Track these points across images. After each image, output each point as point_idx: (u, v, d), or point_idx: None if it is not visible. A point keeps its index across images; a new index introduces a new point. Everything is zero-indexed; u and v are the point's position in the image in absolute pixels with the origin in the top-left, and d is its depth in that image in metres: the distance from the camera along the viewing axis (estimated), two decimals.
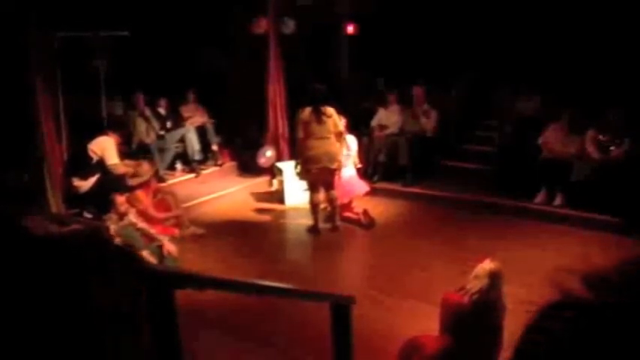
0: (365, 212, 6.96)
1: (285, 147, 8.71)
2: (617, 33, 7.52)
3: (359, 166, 7.38)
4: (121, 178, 6.60)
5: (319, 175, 6.56)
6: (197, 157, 8.81)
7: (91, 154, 6.73)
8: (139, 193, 6.25)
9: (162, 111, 8.79)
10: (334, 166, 6.53)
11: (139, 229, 5.33)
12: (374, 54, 9.39)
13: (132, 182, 6.41)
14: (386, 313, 4.67)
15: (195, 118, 8.93)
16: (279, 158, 8.59)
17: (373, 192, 7.58)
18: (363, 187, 7.29)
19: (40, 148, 6.45)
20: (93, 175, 6.69)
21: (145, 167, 6.75)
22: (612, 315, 0.55)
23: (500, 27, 8.47)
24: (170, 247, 5.31)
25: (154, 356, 1.82)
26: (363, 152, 7.94)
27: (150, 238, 5.35)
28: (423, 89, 8.45)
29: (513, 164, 7.43)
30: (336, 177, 6.65)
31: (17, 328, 0.90)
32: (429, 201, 7.72)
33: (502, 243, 6.04)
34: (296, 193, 7.75)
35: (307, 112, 6.49)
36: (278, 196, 8.04)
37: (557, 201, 6.97)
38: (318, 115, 6.46)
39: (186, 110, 9.00)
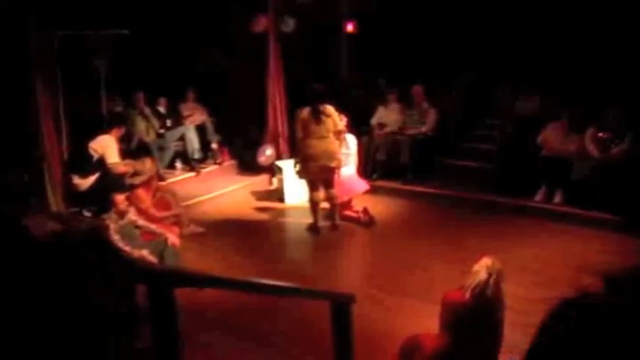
0: (365, 210, 6.96)
1: (284, 145, 8.72)
2: (616, 33, 7.51)
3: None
4: (121, 177, 6.59)
5: (318, 174, 6.56)
6: (197, 155, 8.82)
7: (92, 152, 6.74)
8: (141, 192, 6.22)
9: (161, 109, 8.80)
10: (333, 164, 6.54)
11: (138, 227, 5.34)
12: (374, 53, 9.38)
13: (134, 180, 6.38)
14: (386, 312, 4.67)
15: (194, 116, 8.93)
16: (279, 157, 8.60)
17: (373, 190, 7.59)
18: (362, 185, 7.30)
19: (40, 148, 6.45)
20: (93, 173, 6.71)
21: (148, 165, 6.71)
22: (616, 315, 0.55)
23: (500, 27, 8.47)
24: (174, 239, 5.32)
25: (154, 356, 1.82)
26: (363, 151, 7.94)
27: (151, 235, 5.35)
28: (422, 88, 8.45)
29: (513, 163, 7.43)
30: (336, 175, 6.66)
31: (18, 328, 0.90)
32: (429, 199, 7.72)
33: (502, 241, 6.03)
34: (296, 191, 7.75)
35: (306, 111, 6.49)
36: (278, 195, 8.05)
37: (557, 199, 6.97)
38: (317, 115, 6.46)
39: (185, 109, 9.00)
